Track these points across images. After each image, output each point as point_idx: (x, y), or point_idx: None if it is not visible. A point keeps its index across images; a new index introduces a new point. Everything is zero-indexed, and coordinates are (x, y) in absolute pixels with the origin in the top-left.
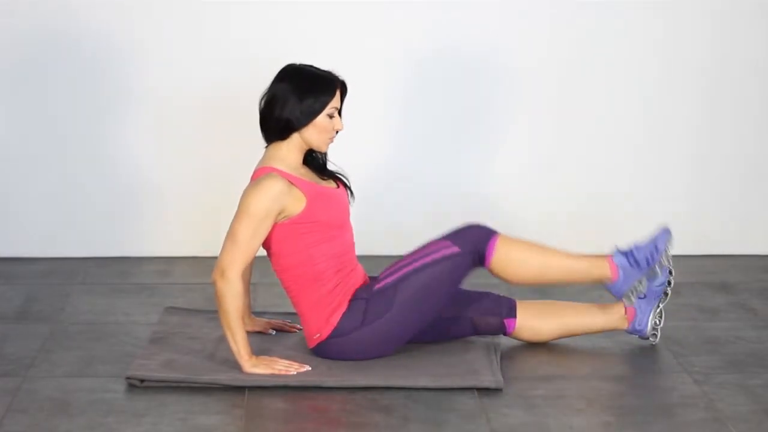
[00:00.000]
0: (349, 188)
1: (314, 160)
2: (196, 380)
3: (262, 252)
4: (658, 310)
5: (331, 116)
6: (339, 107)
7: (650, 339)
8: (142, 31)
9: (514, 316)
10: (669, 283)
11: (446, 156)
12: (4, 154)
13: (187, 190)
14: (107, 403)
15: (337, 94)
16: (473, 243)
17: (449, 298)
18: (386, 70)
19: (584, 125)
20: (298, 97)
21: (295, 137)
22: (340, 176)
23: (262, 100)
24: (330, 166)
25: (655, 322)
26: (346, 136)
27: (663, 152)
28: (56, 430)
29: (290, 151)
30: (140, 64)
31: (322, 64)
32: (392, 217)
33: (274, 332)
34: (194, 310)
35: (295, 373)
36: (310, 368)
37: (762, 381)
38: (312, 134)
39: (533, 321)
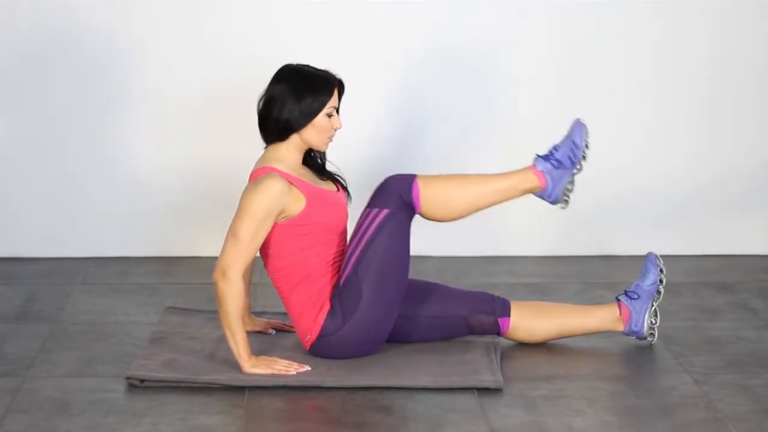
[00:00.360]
0: (347, 190)
1: (313, 160)
2: (196, 380)
3: None
4: (653, 309)
5: (329, 115)
6: (337, 106)
7: (648, 339)
8: (142, 31)
9: (508, 316)
10: (661, 281)
11: (445, 156)
12: (4, 154)
13: (187, 190)
14: (107, 403)
15: (335, 93)
16: (397, 196)
17: (408, 254)
18: (386, 69)
19: None
20: (296, 97)
21: (295, 138)
22: (338, 177)
23: (260, 101)
24: (328, 167)
25: (651, 321)
26: (345, 135)
27: (663, 152)
28: (56, 430)
29: (289, 151)
30: (140, 64)
31: (322, 64)
32: None
33: (273, 332)
34: (194, 310)
35: (294, 373)
36: (309, 368)
37: (762, 381)
38: (311, 134)
39: (528, 321)
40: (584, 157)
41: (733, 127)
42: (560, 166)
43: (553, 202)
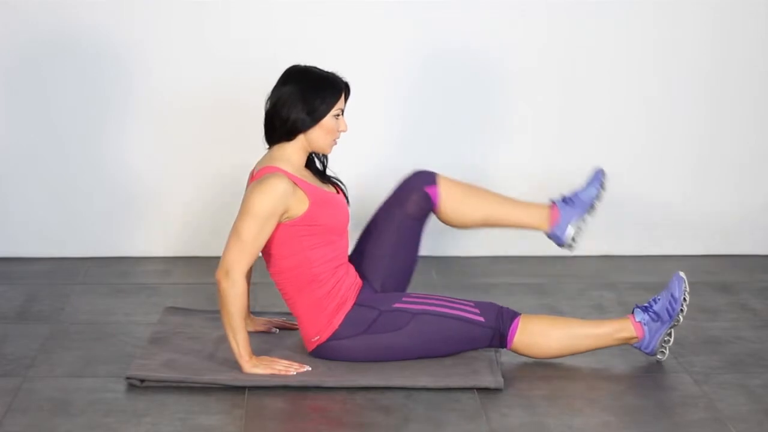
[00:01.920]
0: (346, 195)
1: (313, 164)
2: (196, 380)
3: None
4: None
5: (336, 117)
6: (343, 108)
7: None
8: (142, 31)
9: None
10: (682, 310)
11: (447, 156)
12: (4, 154)
13: (187, 190)
14: (107, 403)
15: (342, 95)
16: (497, 321)
17: (447, 353)
18: (386, 70)
19: (585, 125)
20: (305, 98)
21: (300, 138)
22: (337, 181)
23: (267, 101)
24: (327, 173)
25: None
26: (347, 136)
27: (663, 152)
28: (56, 430)
29: (295, 152)
30: (140, 64)
31: (323, 65)
32: None
33: (277, 330)
34: (194, 310)
35: (294, 373)
36: (310, 368)
37: (762, 381)
38: (318, 135)
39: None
40: (682, 311)
41: (733, 127)
42: (658, 318)
43: (650, 354)
